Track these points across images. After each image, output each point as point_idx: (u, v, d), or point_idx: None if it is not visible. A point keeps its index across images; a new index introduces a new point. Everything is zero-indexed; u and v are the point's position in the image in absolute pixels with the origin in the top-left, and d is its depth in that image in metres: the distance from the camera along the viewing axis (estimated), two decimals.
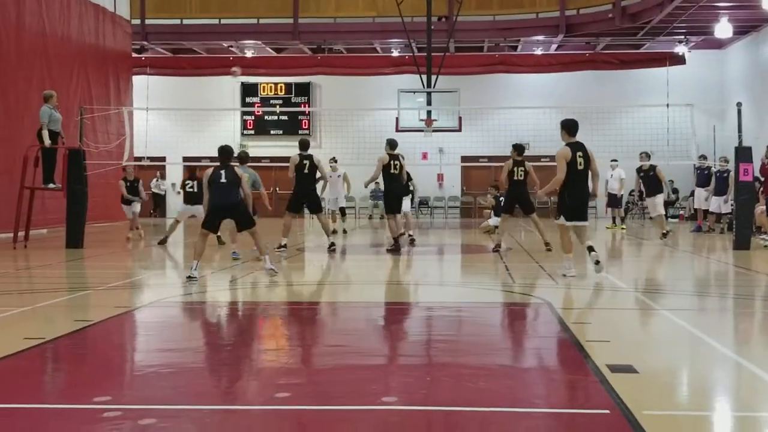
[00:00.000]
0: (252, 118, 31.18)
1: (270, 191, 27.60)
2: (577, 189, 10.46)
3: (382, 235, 15.16)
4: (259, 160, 25.27)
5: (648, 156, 18.68)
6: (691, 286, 10.74)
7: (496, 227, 17.87)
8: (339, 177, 20.17)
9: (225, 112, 30.66)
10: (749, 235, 15.18)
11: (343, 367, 5.65)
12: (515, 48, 29.65)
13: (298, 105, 30.90)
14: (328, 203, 20.64)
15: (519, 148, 14.74)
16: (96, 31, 24.14)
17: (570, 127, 10.56)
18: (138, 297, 9.60)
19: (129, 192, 17.34)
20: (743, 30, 25.87)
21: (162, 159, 26.56)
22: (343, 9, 28.23)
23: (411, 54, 25.91)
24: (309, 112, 30.78)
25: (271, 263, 10.58)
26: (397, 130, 23.79)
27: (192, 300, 9.04)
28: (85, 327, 7.06)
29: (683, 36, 27.04)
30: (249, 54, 30.06)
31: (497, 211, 18.12)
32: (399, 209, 15.36)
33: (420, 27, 25.22)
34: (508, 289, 10.01)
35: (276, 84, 31.13)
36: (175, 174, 29.17)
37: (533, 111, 25.45)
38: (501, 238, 14.91)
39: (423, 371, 5.53)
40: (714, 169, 19.94)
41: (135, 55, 28.25)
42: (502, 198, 16.46)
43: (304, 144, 14.54)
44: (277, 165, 15.01)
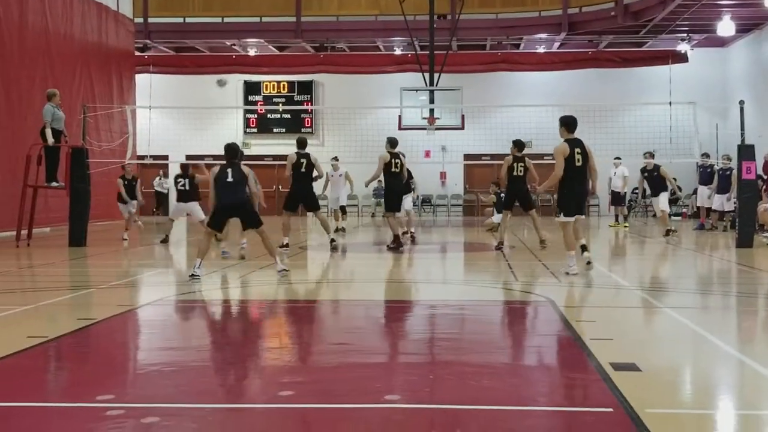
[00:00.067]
0: (255, 116, 31.20)
1: (273, 189, 27.70)
2: (576, 185, 10.50)
3: (384, 234, 15.15)
4: (262, 158, 25.32)
5: (652, 155, 18.67)
6: (694, 284, 10.74)
7: (499, 225, 17.87)
8: (341, 176, 20.15)
9: (228, 110, 30.66)
10: (752, 233, 15.16)
11: (346, 366, 5.65)
12: (518, 46, 29.62)
13: (300, 103, 30.91)
14: (330, 202, 20.64)
15: (519, 144, 14.75)
16: (99, 30, 24.15)
17: (569, 124, 10.60)
18: (141, 295, 9.62)
19: (127, 190, 17.34)
20: (746, 28, 25.84)
21: (165, 157, 26.55)
22: (346, 7, 28.25)
23: (413, 52, 25.92)
24: (312, 110, 30.80)
25: (283, 264, 10.46)
26: (400, 128, 23.82)
27: (195, 298, 9.04)
28: (88, 325, 7.06)
29: (686, 34, 27.01)
30: (252, 52, 30.07)
31: (499, 208, 18.13)
32: (399, 208, 15.36)
33: (422, 25, 25.23)
34: (510, 287, 10.01)
35: (279, 82, 31.16)
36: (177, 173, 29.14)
37: (536, 109, 25.44)
38: (503, 235, 14.90)
39: (426, 369, 5.53)
40: (717, 167, 19.91)
41: (138, 54, 28.27)
42: (503, 195, 16.46)
43: (301, 142, 14.53)
44: (280, 163, 15.03)
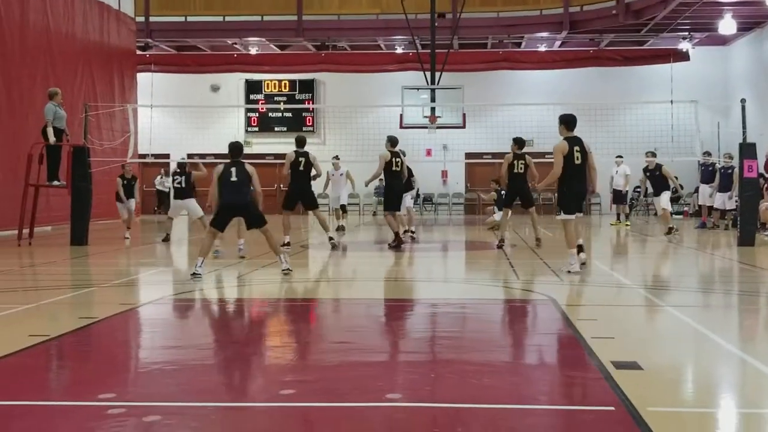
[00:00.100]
0: (256, 115, 31.22)
1: (274, 188, 27.71)
2: (575, 183, 10.53)
3: (385, 232, 15.15)
4: (263, 156, 25.32)
5: (654, 155, 18.66)
6: (696, 282, 10.73)
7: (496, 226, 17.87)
8: (342, 175, 20.13)
9: (229, 109, 30.67)
10: (754, 232, 15.15)
11: (348, 364, 5.65)
12: (519, 45, 29.61)
13: (302, 102, 30.92)
14: (331, 201, 20.60)
15: (519, 141, 14.79)
16: (100, 29, 24.15)
17: (568, 122, 10.65)
18: (142, 294, 9.63)
19: (126, 190, 17.38)
20: (747, 26, 25.82)
21: (166, 156, 26.56)
22: (347, 6, 28.24)
23: (415, 51, 25.91)
24: (313, 108, 30.81)
25: (287, 263, 10.44)
26: (401, 126, 23.82)
27: (196, 297, 9.04)
28: (90, 324, 7.06)
29: (687, 32, 27.00)
30: (253, 51, 30.08)
31: (499, 206, 18.13)
32: (399, 207, 15.35)
33: (424, 24, 25.21)
34: (512, 286, 10.02)
35: (280, 81, 31.18)
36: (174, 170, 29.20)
37: (537, 108, 25.45)
38: (504, 232, 14.91)
39: (428, 368, 5.52)
40: (718, 166, 19.91)
41: (139, 53, 28.26)
42: (503, 192, 16.47)
43: (300, 141, 14.52)
44: (281, 162, 15.01)
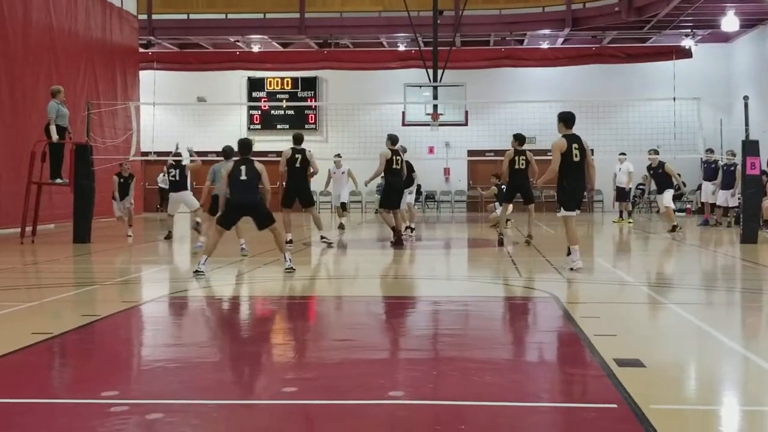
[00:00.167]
0: (258, 112, 31.21)
1: (276, 186, 27.69)
2: (574, 180, 10.55)
3: (387, 230, 15.14)
4: (266, 154, 25.29)
5: (656, 152, 18.64)
6: (699, 280, 10.72)
7: (507, 220, 17.86)
8: (343, 173, 20.10)
9: (232, 106, 30.67)
10: (756, 229, 15.13)
11: (350, 362, 5.66)
12: (521, 42, 29.58)
13: (304, 99, 30.90)
14: (332, 199, 20.57)
15: (520, 137, 14.80)
16: (103, 27, 24.17)
17: (567, 120, 10.71)
18: (145, 292, 9.64)
19: (121, 188, 17.39)
20: (750, 23, 25.78)
21: (168, 154, 26.51)
22: (349, 3, 28.22)
23: (417, 48, 25.87)
24: (315, 106, 30.80)
25: (290, 261, 10.41)
26: (404, 124, 23.80)
27: (199, 295, 9.05)
28: (93, 322, 7.07)
29: (690, 29, 26.95)
30: (255, 49, 30.06)
31: (500, 200, 18.13)
32: (399, 205, 15.34)
33: (426, 21, 25.19)
34: (514, 283, 10.01)
35: (282, 78, 31.17)
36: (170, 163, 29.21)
37: (539, 105, 25.40)
38: (503, 227, 14.92)
39: (430, 365, 5.53)
40: (721, 163, 19.88)
41: (142, 50, 28.28)
42: (503, 187, 16.47)
43: (297, 138, 14.45)
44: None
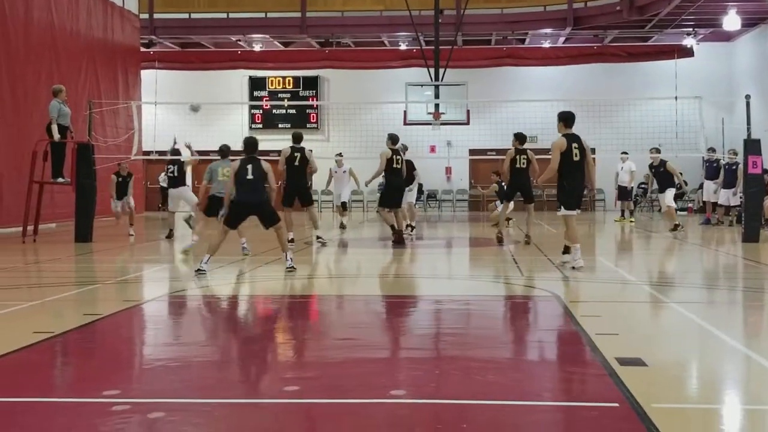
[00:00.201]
0: (260, 112, 31.21)
1: (278, 185, 27.68)
2: (573, 179, 10.57)
3: (389, 229, 15.14)
4: (268, 153, 25.25)
5: (658, 151, 18.63)
6: (700, 278, 10.71)
7: (508, 219, 17.85)
8: (345, 172, 20.08)
9: (233, 105, 30.68)
10: (758, 228, 15.13)
11: (352, 361, 5.65)
12: (523, 41, 29.57)
13: (306, 99, 30.91)
14: (334, 198, 20.53)
15: (521, 137, 14.79)
16: (104, 26, 24.17)
17: (567, 119, 10.74)
18: (146, 291, 9.64)
19: (119, 187, 17.45)
20: (752, 22, 25.76)
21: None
22: (351, 3, 28.20)
23: (419, 47, 25.86)
24: (317, 105, 30.79)
25: (292, 261, 10.41)
26: (405, 123, 23.79)
27: (201, 294, 9.05)
28: (94, 321, 7.07)
29: (691, 28, 26.94)
30: (257, 48, 30.06)
31: (501, 198, 18.12)
32: (400, 204, 15.35)
33: (428, 20, 25.18)
34: (515, 282, 10.01)
35: (284, 78, 31.18)
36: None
37: (541, 104, 25.37)
38: (502, 227, 14.92)
39: (431, 364, 5.53)
40: (723, 162, 19.87)
41: (143, 50, 28.28)
42: (504, 184, 16.47)
43: (296, 137, 14.48)
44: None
